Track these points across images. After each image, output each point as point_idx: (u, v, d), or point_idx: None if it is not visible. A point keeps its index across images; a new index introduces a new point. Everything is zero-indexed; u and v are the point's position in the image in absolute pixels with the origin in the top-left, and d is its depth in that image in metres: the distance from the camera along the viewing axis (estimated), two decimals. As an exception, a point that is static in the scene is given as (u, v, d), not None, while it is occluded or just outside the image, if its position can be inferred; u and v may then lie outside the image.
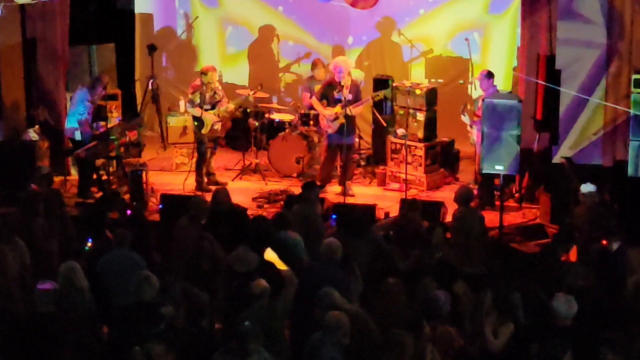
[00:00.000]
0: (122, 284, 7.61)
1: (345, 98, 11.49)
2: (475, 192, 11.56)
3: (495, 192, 11.22)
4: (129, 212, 10.10)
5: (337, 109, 11.52)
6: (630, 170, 10.65)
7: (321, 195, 10.61)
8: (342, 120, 11.49)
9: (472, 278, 7.92)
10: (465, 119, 11.62)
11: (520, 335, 6.84)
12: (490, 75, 11.41)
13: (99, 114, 12.07)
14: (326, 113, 11.62)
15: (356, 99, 11.62)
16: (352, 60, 13.38)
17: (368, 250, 8.81)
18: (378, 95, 11.73)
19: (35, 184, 9.83)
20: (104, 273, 8.03)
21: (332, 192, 11.90)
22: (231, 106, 12.18)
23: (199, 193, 11.58)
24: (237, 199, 11.17)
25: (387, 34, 13.98)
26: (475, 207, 10.95)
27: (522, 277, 8.28)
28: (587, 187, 9.37)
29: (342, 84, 11.58)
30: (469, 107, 11.71)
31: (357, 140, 12.50)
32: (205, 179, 12.10)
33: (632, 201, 10.31)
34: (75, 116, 11.60)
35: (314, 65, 12.87)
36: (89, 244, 9.00)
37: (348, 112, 11.45)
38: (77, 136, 11.59)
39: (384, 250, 8.85)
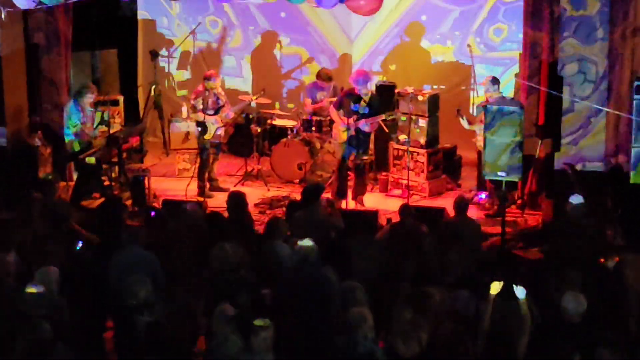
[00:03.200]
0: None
1: (360, 111, 11.35)
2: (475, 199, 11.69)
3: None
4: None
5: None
6: (632, 177, 10.63)
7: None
8: (352, 132, 11.33)
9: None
10: (464, 122, 11.62)
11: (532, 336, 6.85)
12: (495, 81, 11.40)
13: (102, 120, 12.07)
14: (338, 123, 11.47)
15: (372, 113, 11.37)
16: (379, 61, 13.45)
17: (373, 255, 8.81)
18: (392, 115, 11.63)
19: (39, 192, 9.82)
20: (114, 271, 8.02)
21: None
22: (231, 114, 12.20)
23: (200, 199, 11.59)
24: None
25: (416, 39, 13.98)
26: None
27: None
28: (574, 199, 9.32)
29: (360, 96, 11.39)
30: (462, 110, 11.72)
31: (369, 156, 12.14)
32: (208, 185, 12.11)
33: (634, 208, 10.29)
34: (70, 129, 11.57)
35: (322, 77, 12.81)
36: (80, 245, 8.98)
37: (360, 125, 11.28)
38: (75, 147, 11.57)
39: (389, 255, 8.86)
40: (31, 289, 7.06)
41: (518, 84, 12.36)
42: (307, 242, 7.71)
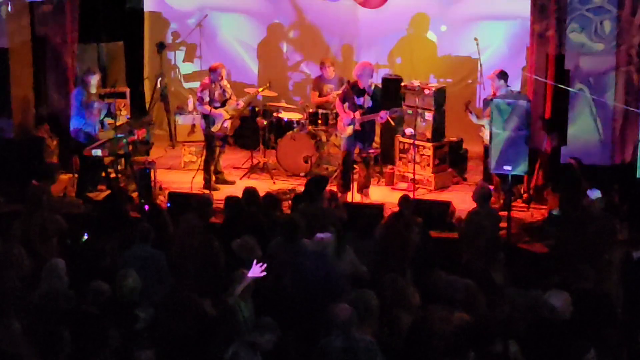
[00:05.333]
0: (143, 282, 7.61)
1: (364, 105, 11.30)
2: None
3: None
4: (146, 207, 10.06)
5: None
6: (639, 172, 10.62)
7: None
8: (357, 126, 11.31)
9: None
10: (473, 117, 11.60)
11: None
12: (503, 75, 11.37)
13: (108, 111, 12.09)
14: (342, 117, 11.49)
15: (375, 108, 11.31)
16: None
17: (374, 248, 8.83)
18: (396, 112, 11.58)
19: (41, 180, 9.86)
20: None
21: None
22: (241, 103, 12.20)
23: (206, 191, 11.60)
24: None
25: (422, 30, 13.96)
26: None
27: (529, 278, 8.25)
28: (593, 193, 9.29)
29: (364, 90, 11.33)
30: (470, 104, 11.70)
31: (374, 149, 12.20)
32: (214, 177, 12.12)
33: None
34: (75, 117, 11.59)
35: (322, 64, 12.86)
36: (85, 237, 9.01)
37: (364, 119, 11.27)
38: (81, 137, 11.59)
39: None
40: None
41: (525, 77, 12.34)
42: (326, 235, 7.76)
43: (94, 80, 11.68)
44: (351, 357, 6.42)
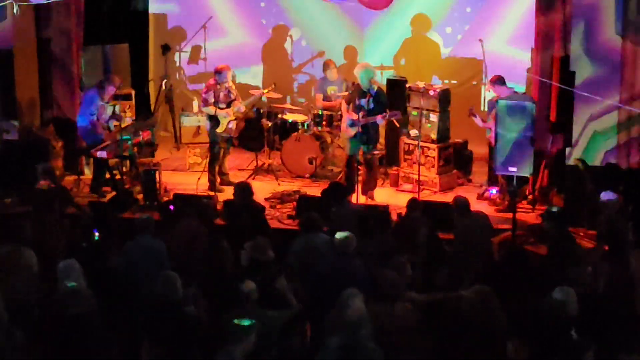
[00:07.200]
0: (145, 271, 7.68)
1: (367, 107, 11.30)
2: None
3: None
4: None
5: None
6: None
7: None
8: (359, 128, 11.32)
9: None
10: (478, 121, 11.60)
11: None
12: (500, 80, 11.36)
13: (113, 113, 12.12)
14: (345, 119, 11.50)
15: (377, 110, 11.33)
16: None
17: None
18: (395, 115, 11.53)
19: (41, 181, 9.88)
20: (126, 260, 8.09)
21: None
22: (242, 108, 12.19)
23: (211, 193, 11.61)
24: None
25: (425, 31, 13.98)
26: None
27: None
28: (606, 195, 9.23)
29: (366, 92, 11.34)
30: (474, 109, 11.70)
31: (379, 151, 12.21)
32: (219, 179, 12.12)
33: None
34: (86, 116, 11.64)
35: (325, 66, 12.86)
36: (97, 235, 9.03)
37: (364, 122, 11.27)
38: (89, 136, 11.62)
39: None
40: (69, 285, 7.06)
41: (530, 79, 12.33)
42: (346, 234, 7.80)
43: (112, 91, 11.77)
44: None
